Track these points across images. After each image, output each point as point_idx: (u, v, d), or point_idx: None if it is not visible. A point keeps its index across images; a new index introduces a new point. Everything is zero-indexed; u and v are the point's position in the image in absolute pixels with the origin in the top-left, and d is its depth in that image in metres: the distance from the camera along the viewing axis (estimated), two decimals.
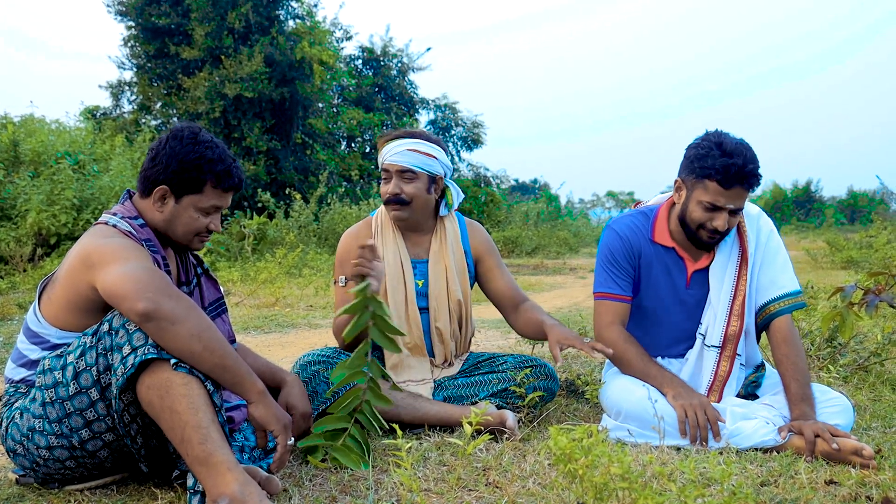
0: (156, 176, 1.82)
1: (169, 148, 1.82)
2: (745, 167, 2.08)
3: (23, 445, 1.71)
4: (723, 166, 2.09)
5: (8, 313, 5.19)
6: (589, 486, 1.39)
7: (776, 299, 2.27)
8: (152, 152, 1.84)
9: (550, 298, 7.26)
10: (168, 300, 1.57)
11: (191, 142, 1.82)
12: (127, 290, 1.57)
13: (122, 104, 15.45)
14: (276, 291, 6.50)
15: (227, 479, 1.48)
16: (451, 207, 2.49)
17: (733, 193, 2.12)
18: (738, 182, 2.10)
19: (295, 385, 2.02)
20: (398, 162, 2.36)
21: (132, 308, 1.55)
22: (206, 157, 1.82)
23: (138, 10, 14.01)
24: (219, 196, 1.87)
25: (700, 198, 2.16)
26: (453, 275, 2.44)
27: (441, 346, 2.44)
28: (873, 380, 2.92)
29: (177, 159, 1.81)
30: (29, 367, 1.77)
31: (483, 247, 2.54)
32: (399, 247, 2.46)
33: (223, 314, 2.01)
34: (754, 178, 2.11)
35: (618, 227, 2.36)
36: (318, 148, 15.68)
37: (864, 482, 1.78)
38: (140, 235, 1.80)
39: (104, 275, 1.63)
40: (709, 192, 2.13)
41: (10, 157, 9.03)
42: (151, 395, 1.55)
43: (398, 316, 2.40)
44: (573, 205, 30.16)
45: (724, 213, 2.15)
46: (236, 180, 1.88)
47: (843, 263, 9.86)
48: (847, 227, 23.52)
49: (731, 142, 2.13)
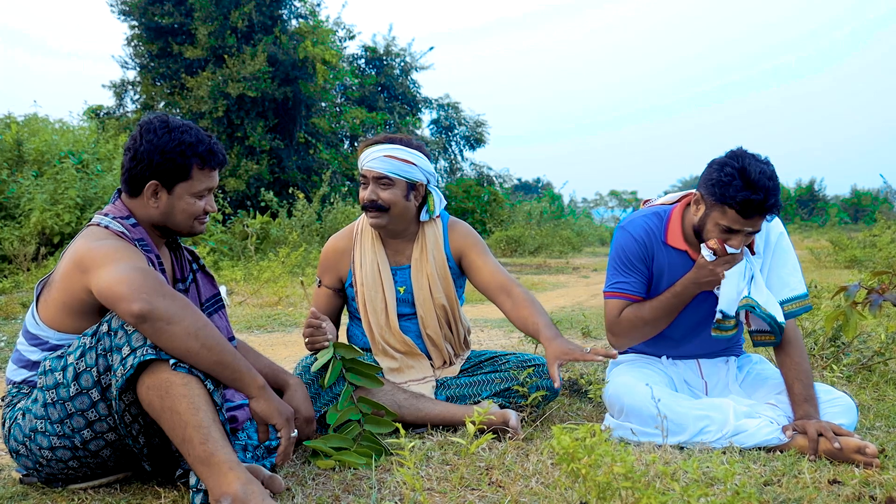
0: (142, 173, 1.82)
1: (146, 143, 1.81)
2: (767, 201, 2.03)
3: (25, 446, 1.71)
4: (743, 199, 2.03)
5: (12, 312, 5.20)
6: (592, 485, 1.39)
7: (786, 301, 2.26)
8: (130, 151, 1.83)
9: (553, 298, 7.26)
10: (163, 300, 1.57)
11: (165, 131, 1.82)
12: (122, 291, 1.56)
13: (125, 103, 15.47)
14: (279, 291, 6.50)
15: (230, 478, 1.48)
16: (431, 214, 2.44)
17: (751, 222, 2.08)
18: (757, 213, 2.06)
19: (298, 388, 2.03)
20: (375, 168, 2.33)
21: (127, 309, 1.55)
22: (186, 142, 1.82)
23: (141, 10, 14.03)
24: (207, 176, 1.87)
25: (718, 220, 2.11)
26: (436, 280, 2.41)
27: (435, 349, 2.44)
28: (877, 379, 2.92)
29: (158, 152, 1.80)
30: (30, 368, 1.78)
31: (462, 243, 2.45)
32: (378, 254, 2.43)
33: (220, 310, 2.02)
34: (775, 209, 2.07)
35: (632, 229, 2.33)
36: (321, 147, 15.69)
37: (868, 482, 1.78)
38: (133, 235, 1.80)
39: (98, 278, 1.63)
40: (727, 218, 2.09)
41: (14, 156, 9.05)
42: (152, 395, 1.55)
43: (378, 324, 2.40)
44: (576, 204, 30.18)
45: (740, 235, 2.12)
46: (220, 157, 1.88)
47: (847, 262, 9.84)
48: (851, 226, 23.49)
49: (755, 171, 2.04)
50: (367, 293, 2.40)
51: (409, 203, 2.38)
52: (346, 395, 2.12)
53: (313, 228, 11.24)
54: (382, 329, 2.39)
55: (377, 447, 2.04)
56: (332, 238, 2.55)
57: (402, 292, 2.43)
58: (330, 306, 2.50)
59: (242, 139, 13.80)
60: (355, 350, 2.19)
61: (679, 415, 2.11)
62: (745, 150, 2.12)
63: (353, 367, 2.16)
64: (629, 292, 2.29)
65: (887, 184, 20.53)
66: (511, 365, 2.42)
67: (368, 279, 2.40)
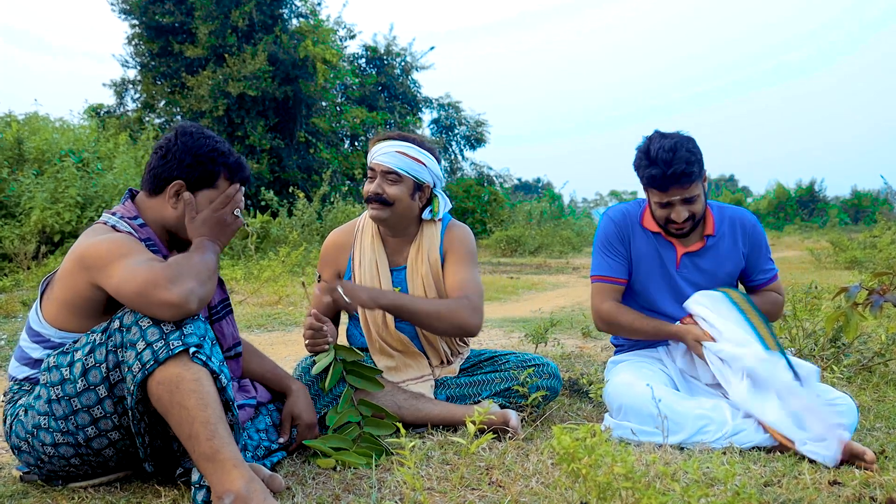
0: (169, 172, 1.82)
1: (181, 143, 1.82)
2: (668, 172, 2.20)
3: (27, 442, 1.71)
4: (650, 176, 2.25)
5: (12, 311, 5.20)
6: (592, 485, 1.39)
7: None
8: (161, 150, 1.84)
9: (553, 298, 7.26)
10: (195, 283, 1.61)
11: (202, 136, 1.84)
12: (152, 278, 1.57)
13: (125, 102, 15.49)
14: (279, 290, 6.50)
15: (233, 475, 1.48)
16: (435, 215, 2.42)
17: (673, 192, 2.26)
18: (671, 184, 2.24)
19: (300, 394, 2.03)
20: (384, 162, 2.33)
21: (165, 298, 1.56)
22: (219, 150, 1.84)
23: (142, 9, 14.04)
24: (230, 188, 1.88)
25: (652, 199, 2.35)
26: (430, 282, 2.39)
27: (432, 349, 2.43)
28: (877, 380, 2.92)
29: (191, 153, 1.81)
30: (32, 365, 1.78)
31: (450, 245, 2.42)
32: (377, 253, 2.42)
33: (229, 315, 2.01)
34: (685, 176, 2.22)
35: (612, 214, 2.51)
36: (321, 146, 15.69)
37: (868, 483, 1.78)
38: (139, 235, 1.80)
39: (110, 274, 1.62)
40: (654, 195, 2.32)
41: (15, 155, 9.05)
42: (161, 390, 1.55)
43: (375, 323, 2.39)
44: (576, 204, 30.20)
45: (674, 206, 2.29)
46: (247, 172, 1.91)
47: (847, 263, 9.84)
48: (851, 227, 23.48)
49: (655, 147, 2.23)
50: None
51: (414, 203, 2.38)
52: (346, 397, 2.12)
53: (313, 228, 11.24)
54: (380, 328, 2.39)
55: (377, 447, 2.04)
56: (332, 232, 2.54)
57: (397, 292, 2.42)
58: (329, 302, 2.50)
59: (243, 138, 13.80)
60: (356, 353, 2.19)
61: (678, 414, 2.11)
62: (659, 130, 2.32)
63: (353, 369, 2.16)
64: (610, 275, 2.44)
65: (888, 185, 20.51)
66: (511, 365, 2.42)
67: (367, 278, 2.40)
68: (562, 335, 4.24)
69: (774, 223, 26.78)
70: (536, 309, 6.21)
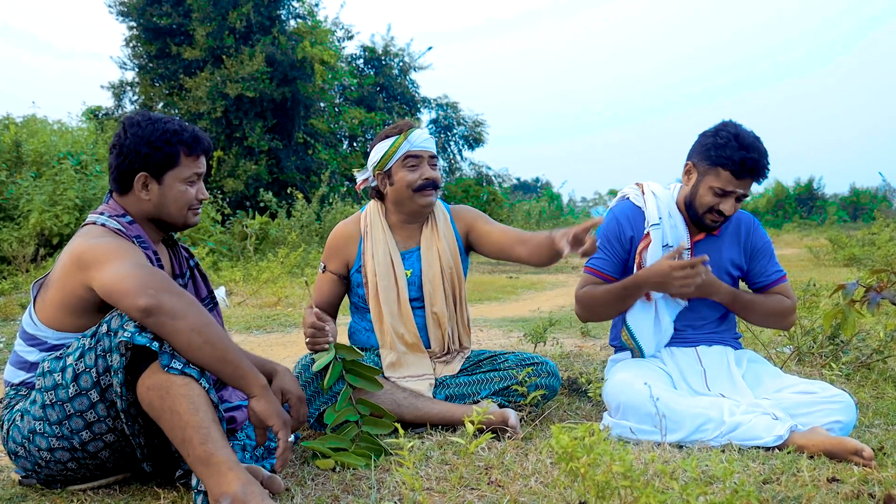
0: (129, 167, 1.84)
1: (131, 136, 1.83)
2: (760, 161, 2.25)
3: (24, 447, 1.71)
4: (740, 159, 2.23)
5: (11, 314, 5.20)
6: (591, 484, 1.39)
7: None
8: (116, 148, 1.86)
9: (553, 297, 7.26)
10: (168, 296, 1.58)
11: (149, 122, 1.85)
12: (127, 287, 1.57)
13: (124, 104, 15.45)
14: (279, 291, 6.51)
15: (229, 478, 1.48)
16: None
17: (743, 183, 2.28)
18: (749, 174, 2.26)
19: (286, 373, 2.03)
20: (430, 148, 2.42)
21: (133, 304, 1.56)
22: (170, 130, 1.84)
23: (140, 11, 14.01)
24: (194, 162, 1.89)
25: (711, 183, 2.29)
26: (447, 254, 2.45)
27: (438, 331, 2.43)
28: (876, 377, 2.92)
29: (144, 143, 1.82)
30: (28, 369, 1.78)
31: (468, 218, 2.53)
32: (389, 243, 2.45)
33: (214, 309, 2.02)
34: (766, 171, 2.28)
35: (616, 210, 2.49)
36: (319, 147, 15.67)
37: (867, 479, 1.78)
38: (130, 232, 1.81)
39: (101, 274, 1.63)
40: (720, 180, 2.27)
41: (13, 157, 9.05)
42: (152, 395, 1.55)
43: (391, 314, 2.40)
44: (575, 203, 30.19)
45: (731, 198, 2.29)
46: (206, 143, 1.91)
47: (846, 261, 9.84)
48: (849, 224, 23.48)
49: (748, 135, 2.28)
50: (379, 282, 2.40)
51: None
52: (344, 395, 2.12)
53: (312, 229, 11.24)
54: (394, 316, 2.40)
55: (376, 447, 2.04)
56: (340, 224, 2.55)
57: (408, 276, 2.44)
58: (332, 293, 2.50)
59: (241, 139, 13.78)
60: (356, 352, 2.19)
61: (676, 412, 2.11)
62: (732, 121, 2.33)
63: (352, 368, 2.17)
64: (600, 269, 2.43)
65: (886, 182, 20.61)
66: (510, 364, 2.42)
67: (382, 267, 2.41)
68: (561, 334, 4.24)
69: (773, 221, 26.76)
70: (535, 308, 6.21)
